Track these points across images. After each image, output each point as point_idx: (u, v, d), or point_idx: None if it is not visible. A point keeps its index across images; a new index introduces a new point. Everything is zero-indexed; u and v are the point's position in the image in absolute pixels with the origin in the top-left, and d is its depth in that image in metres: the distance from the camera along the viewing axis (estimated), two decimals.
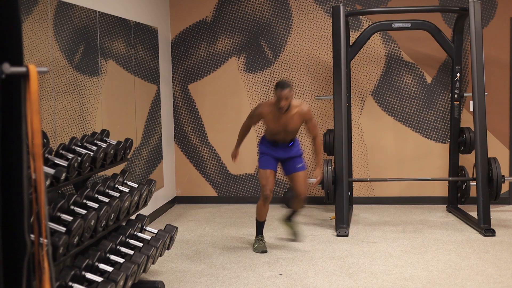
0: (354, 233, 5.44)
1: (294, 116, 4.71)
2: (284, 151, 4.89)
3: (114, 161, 3.96)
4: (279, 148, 4.88)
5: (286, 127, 4.76)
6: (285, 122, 4.73)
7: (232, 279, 4.25)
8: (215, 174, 6.97)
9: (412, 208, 6.51)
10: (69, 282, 2.93)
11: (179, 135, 6.96)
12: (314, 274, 4.33)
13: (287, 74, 6.76)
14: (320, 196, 6.80)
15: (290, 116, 4.70)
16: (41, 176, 1.44)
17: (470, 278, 4.18)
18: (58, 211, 3.06)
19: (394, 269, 4.42)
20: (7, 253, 1.43)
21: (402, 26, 6.02)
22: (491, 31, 6.49)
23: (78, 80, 4.36)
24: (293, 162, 4.90)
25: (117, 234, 3.71)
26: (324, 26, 6.69)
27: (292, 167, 4.91)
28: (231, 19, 6.79)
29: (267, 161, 4.89)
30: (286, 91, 4.57)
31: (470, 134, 6.10)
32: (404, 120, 6.70)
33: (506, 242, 5.09)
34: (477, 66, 5.57)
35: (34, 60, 3.68)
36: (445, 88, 6.61)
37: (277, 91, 4.60)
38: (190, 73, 6.89)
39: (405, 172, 6.71)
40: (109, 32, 4.92)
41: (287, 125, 4.75)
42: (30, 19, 3.67)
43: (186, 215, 6.40)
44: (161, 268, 4.52)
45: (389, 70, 6.67)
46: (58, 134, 3.96)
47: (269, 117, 4.76)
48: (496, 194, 5.65)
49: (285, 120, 4.72)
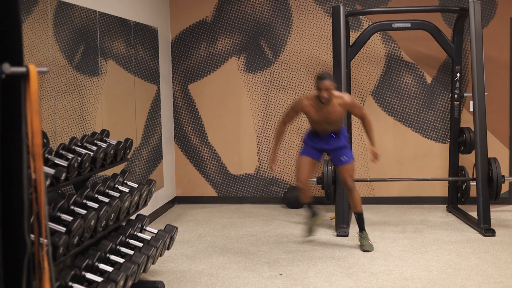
0: (354, 233, 5.43)
1: (337, 107, 4.71)
2: (327, 142, 4.88)
3: (114, 161, 3.96)
4: (322, 139, 4.88)
5: (329, 118, 4.75)
6: (327, 114, 4.72)
7: (232, 279, 4.25)
8: (215, 174, 6.97)
9: (412, 208, 6.51)
10: (69, 282, 2.93)
11: (179, 135, 6.96)
12: (314, 274, 4.33)
13: (287, 74, 6.76)
14: (320, 196, 6.79)
15: (332, 107, 4.70)
16: (41, 176, 1.44)
17: (470, 278, 4.18)
18: (58, 211, 3.06)
19: (394, 269, 4.42)
20: (7, 253, 1.43)
21: (402, 26, 6.02)
22: (491, 31, 6.49)
23: (78, 80, 4.36)
24: (338, 154, 4.90)
25: (117, 234, 3.71)
26: (324, 26, 6.69)
27: (338, 159, 4.91)
28: (231, 19, 6.78)
29: (307, 150, 4.92)
30: (327, 82, 4.58)
31: (470, 134, 6.10)
32: (404, 120, 6.70)
33: (506, 242, 5.09)
34: (477, 66, 5.57)
35: (34, 60, 3.68)
36: (445, 88, 6.61)
37: (318, 82, 4.60)
38: (190, 73, 6.89)
39: (405, 172, 6.71)
40: (109, 32, 4.92)
41: (329, 116, 4.74)
42: (30, 19, 3.67)
43: (186, 215, 6.40)
44: (161, 268, 4.52)
45: (389, 70, 6.67)
46: (58, 134, 3.96)
47: (310, 109, 4.76)
48: (496, 194, 5.65)
49: (327, 112, 4.71)
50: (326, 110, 4.71)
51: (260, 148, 6.83)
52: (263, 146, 6.85)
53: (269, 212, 6.39)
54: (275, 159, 5.05)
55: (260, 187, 6.90)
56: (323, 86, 4.58)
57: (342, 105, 4.72)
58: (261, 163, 6.87)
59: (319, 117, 4.76)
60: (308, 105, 4.77)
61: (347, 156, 4.90)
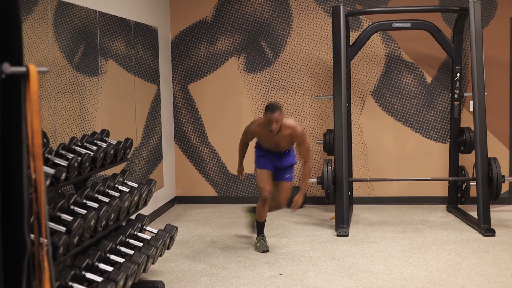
0: (354, 233, 5.43)
1: (286, 137, 4.71)
2: (279, 159, 4.90)
3: (114, 161, 3.96)
4: (275, 156, 4.89)
5: (279, 146, 4.79)
6: (277, 142, 4.74)
7: (232, 279, 4.25)
8: (215, 174, 6.97)
9: (412, 208, 6.51)
10: (69, 282, 2.93)
11: (179, 135, 6.96)
12: (314, 274, 4.33)
13: (287, 74, 6.76)
14: (320, 196, 6.80)
15: (282, 136, 4.70)
16: (41, 176, 1.44)
17: (470, 278, 4.18)
18: (58, 211, 3.06)
19: (394, 269, 4.42)
20: (7, 253, 1.43)
21: (402, 26, 6.02)
22: (491, 31, 6.49)
23: (78, 80, 4.36)
24: (283, 171, 4.93)
25: (117, 234, 3.71)
26: (324, 26, 6.69)
27: (281, 175, 4.93)
28: (231, 19, 6.78)
29: (265, 162, 4.90)
30: (276, 114, 4.52)
31: (470, 134, 6.10)
32: (404, 120, 6.70)
33: (506, 242, 5.09)
34: (477, 66, 5.57)
35: (34, 60, 3.68)
36: (445, 88, 6.61)
37: (267, 114, 4.56)
38: (190, 73, 6.89)
39: (405, 172, 6.71)
40: (109, 32, 4.92)
41: (279, 144, 4.77)
42: (30, 19, 3.67)
43: (186, 215, 6.40)
44: (161, 268, 4.52)
45: (389, 70, 6.67)
46: (58, 134, 3.96)
47: (262, 134, 4.79)
48: (496, 194, 5.65)
49: (277, 140, 4.73)
50: (275, 138, 4.72)
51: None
52: None
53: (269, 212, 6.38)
54: (242, 170, 5.15)
55: None
56: (273, 119, 4.54)
57: (292, 136, 4.70)
58: None
59: (269, 143, 4.80)
60: (258, 131, 4.79)
61: (290, 174, 4.95)
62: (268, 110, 4.57)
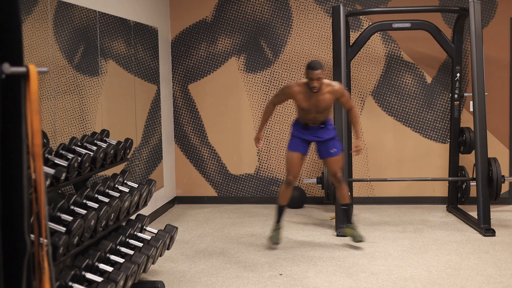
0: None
1: (326, 95, 4.69)
2: (315, 134, 4.86)
3: (114, 161, 3.96)
4: (310, 131, 4.85)
5: (318, 107, 4.73)
6: (317, 102, 4.70)
7: (232, 279, 4.25)
8: (215, 174, 6.97)
9: (412, 208, 6.51)
10: (69, 282, 2.93)
11: (179, 135, 6.96)
12: (314, 274, 4.33)
13: (287, 74, 6.76)
14: (320, 196, 6.80)
15: (321, 96, 4.68)
16: (41, 176, 1.44)
17: (470, 278, 4.18)
18: (58, 211, 3.06)
19: (394, 269, 4.42)
20: (7, 253, 1.43)
21: (402, 26, 6.02)
22: (491, 31, 6.49)
23: (78, 80, 4.36)
24: (327, 146, 4.86)
25: (117, 234, 3.71)
26: (324, 26, 6.69)
27: (326, 152, 4.87)
28: (231, 19, 6.78)
29: (296, 144, 4.88)
30: (318, 72, 4.55)
31: (470, 134, 6.10)
32: (404, 120, 6.70)
33: (506, 242, 5.09)
34: (477, 66, 5.57)
35: (34, 60, 3.68)
36: (445, 88, 6.61)
37: (308, 72, 4.58)
38: (190, 73, 6.89)
39: (405, 172, 6.71)
40: (109, 32, 4.92)
41: (318, 105, 4.72)
42: (30, 19, 3.67)
43: (186, 215, 6.40)
44: (161, 268, 4.52)
45: (389, 70, 6.67)
46: (58, 134, 3.96)
47: (300, 96, 4.74)
48: (496, 194, 5.66)
49: (316, 100, 4.69)
50: (315, 99, 4.69)
51: (260, 148, 6.83)
52: (264, 146, 6.85)
53: (269, 212, 6.38)
54: (260, 137, 5.05)
55: (260, 187, 6.90)
56: (314, 76, 4.56)
57: (332, 93, 4.70)
58: (261, 163, 6.87)
59: (309, 105, 4.74)
60: (298, 92, 4.74)
61: (336, 148, 4.88)
62: (310, 67, 4.57)
